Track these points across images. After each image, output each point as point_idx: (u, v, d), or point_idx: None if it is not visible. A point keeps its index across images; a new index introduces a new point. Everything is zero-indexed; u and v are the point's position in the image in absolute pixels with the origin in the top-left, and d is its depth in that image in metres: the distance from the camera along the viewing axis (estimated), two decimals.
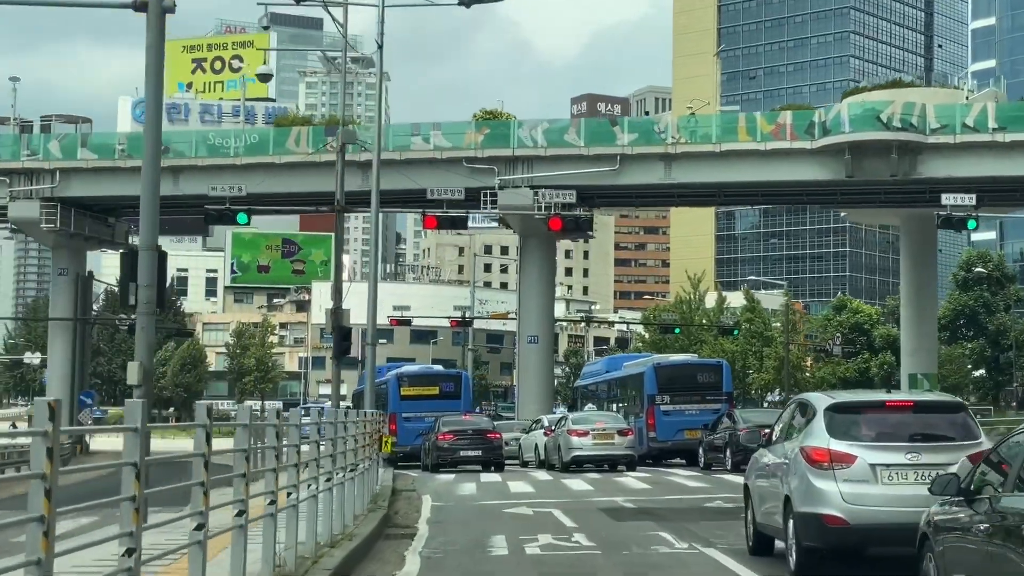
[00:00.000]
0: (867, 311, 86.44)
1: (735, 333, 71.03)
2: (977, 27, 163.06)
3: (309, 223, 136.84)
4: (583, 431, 31.24)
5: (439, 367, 48.24)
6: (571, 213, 30.39)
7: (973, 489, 7.78)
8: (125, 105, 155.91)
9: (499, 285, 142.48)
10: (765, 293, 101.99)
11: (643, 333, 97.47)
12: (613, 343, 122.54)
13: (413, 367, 43.97)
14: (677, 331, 70.58)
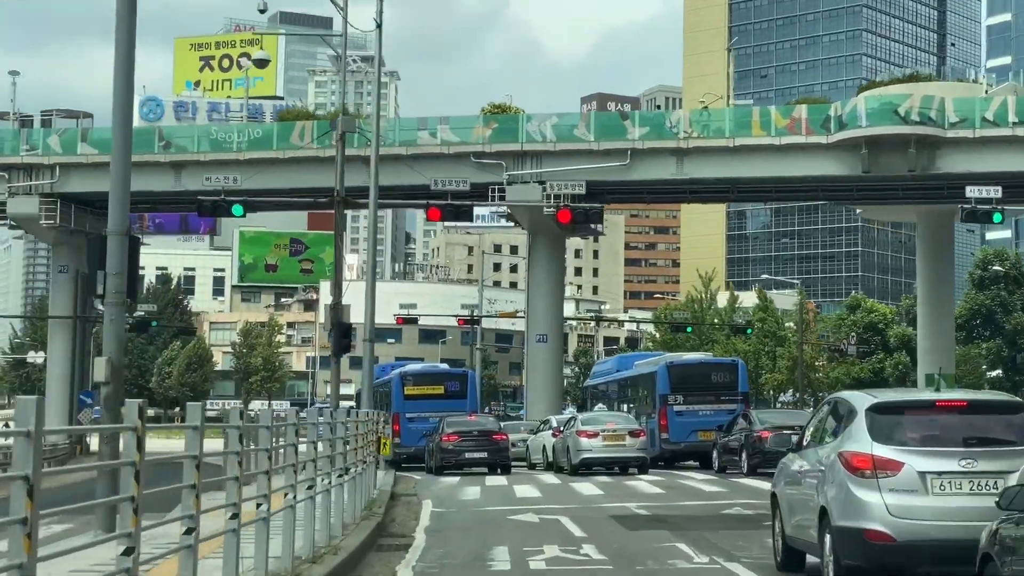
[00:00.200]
0: (882, 310, 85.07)
1: (748, 332, 69.69)
2: (993, 23, 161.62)
3: (317, 222, 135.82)
4: (593, 432, 29.96)
5: (444, 365, 47.01)
6: (580, 205, 29.21)
7: None
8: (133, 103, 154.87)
9: (508, 285, 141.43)
10: (777, 293, 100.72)
11: (653, 333, 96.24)
12: (623, 343, 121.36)
13: (417, 365, 42.74)
14: (689, 330, 69.24)
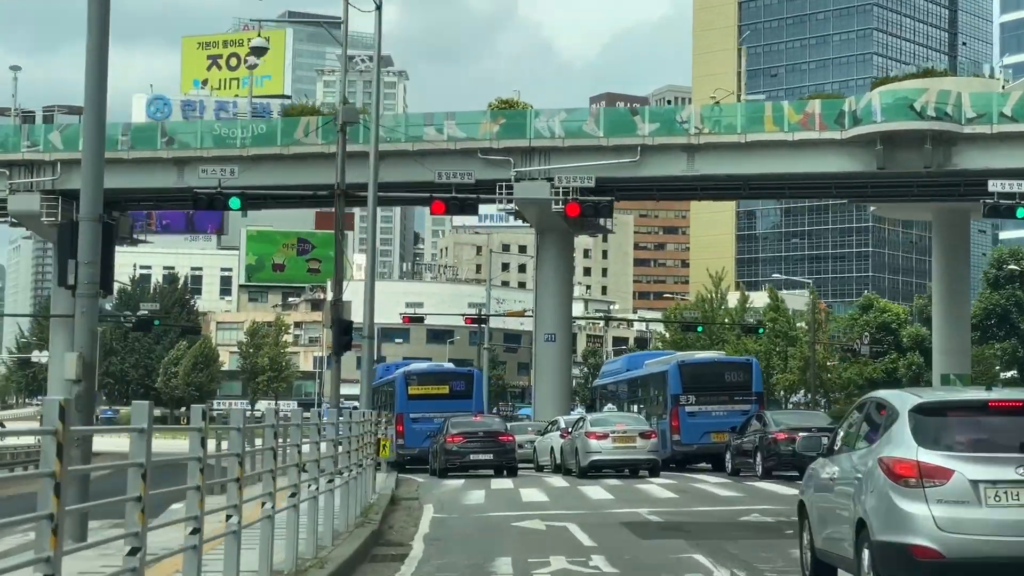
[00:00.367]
0: (894, 310, 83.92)
1: (760, 332, 68.57)
2: (1006, 20, 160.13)
3: (325, 221, 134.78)
4: (602, 433, 28.90)
5: (449, 364, 45.91)
6: (589, 198, 28.23)
7: None
8: (140, 102, 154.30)
9: (517, 284, 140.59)
10: (787, 293, 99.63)
11: (663, 333, 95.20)
12: (632, 343, 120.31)
13: (422, 364, 41.66)
14: (700, 329, 68.14)
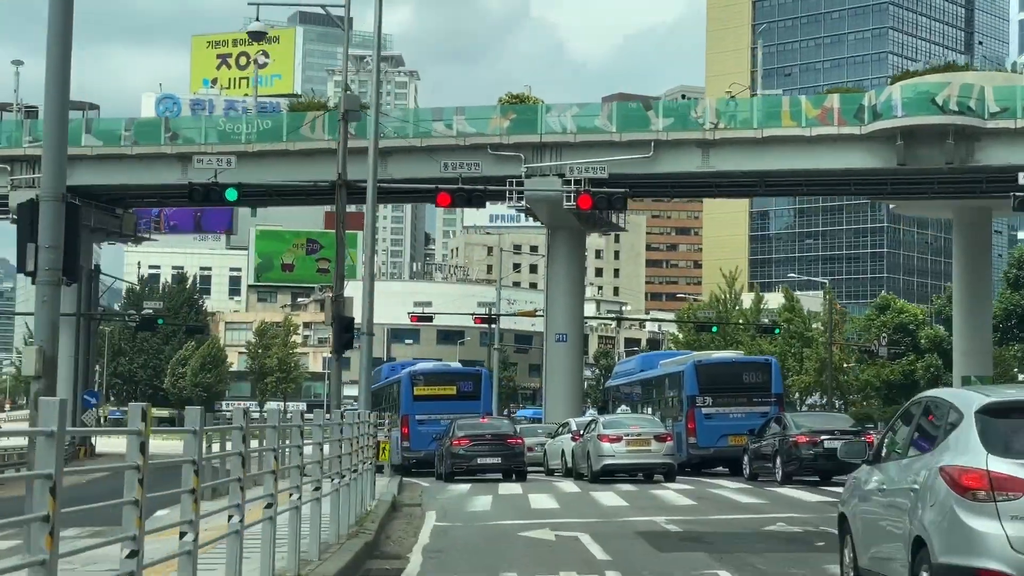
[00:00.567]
0: (912, 311, 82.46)
1: (776, 332, 67.24)
2: None
3: (334, 221, 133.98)
4: (615, 436, 27.62)
5: (456, 364, 44.66)
6: (602, 190, 27.06)
7: None
8: (149, 101, 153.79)
9: (528, 285, 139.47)
10: (801, 294, 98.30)
11: (676, 334, 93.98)
12: (644, 344, 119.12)
13: (428, 364, 40.38)
14: (715, 329, 66.82)
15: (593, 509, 19.28)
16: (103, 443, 59.68)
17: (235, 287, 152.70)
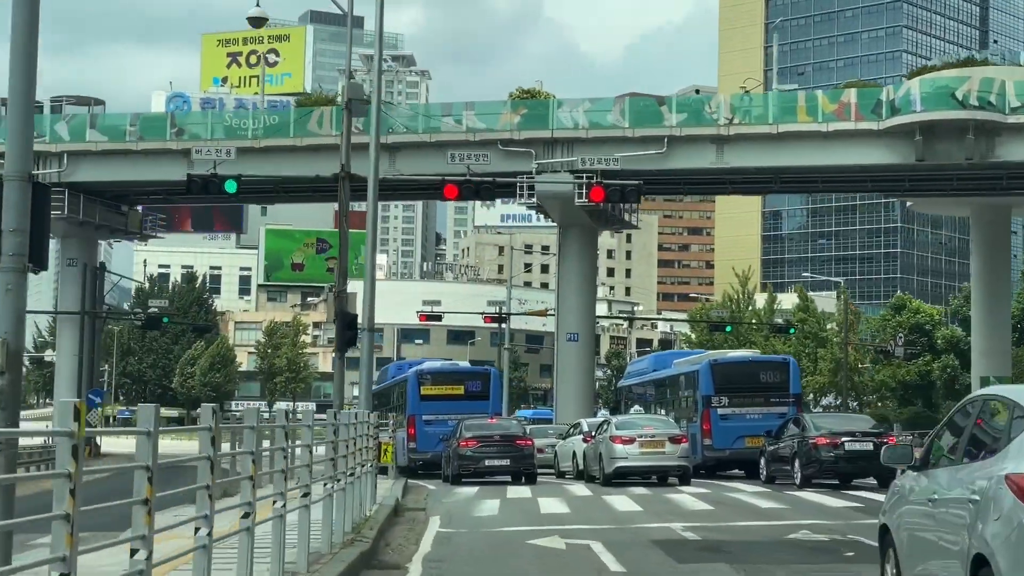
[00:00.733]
0: (928, 311, 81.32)
1: (791, 331, 66.14)
2: None
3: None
4: (628, 438, 26.63)
5: (464, 363, 43.66)
6: (615, 182, 26.12)
7: None
8: (159, 100, 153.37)
9: (540, 285, 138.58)
10: (814, 294, 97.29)
11: (688, 334, 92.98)
12: (656, 345, 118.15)
13: (435, 363, 39.39)
14: (729, 329, 65.74)
15: (605, 514, 18.35)
16: (108, 443, 58.95)
17: (245, 287, 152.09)
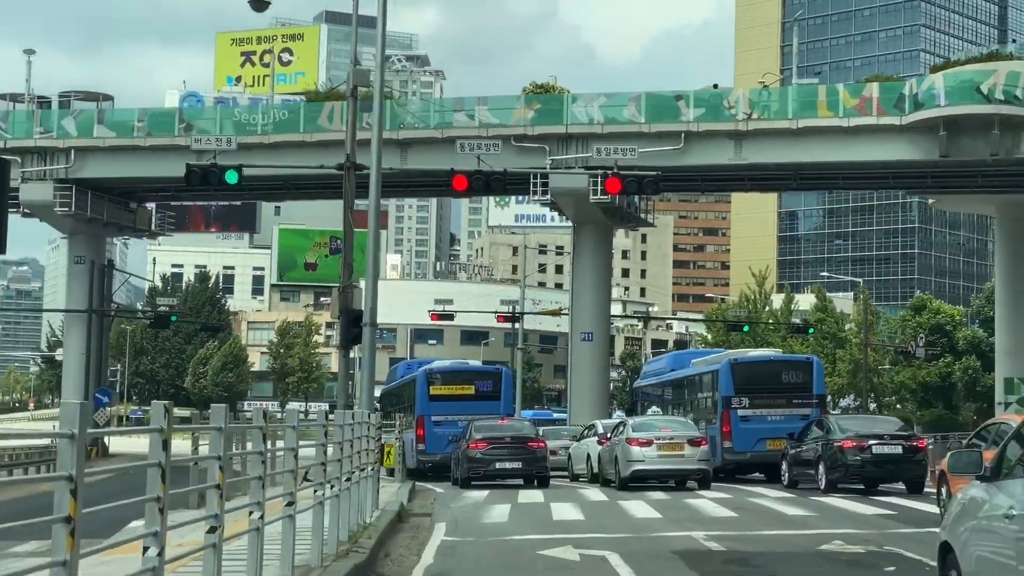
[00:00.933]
0: (949, 312, 79.98)
1: (811, 331, 64.93)
2: None
3: (359, 219, 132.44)
4: (646, 440, 25.53)
5: (475, 362, 42.60)
6: (632, 172, 25.15)
7: None
8: (173, 99, 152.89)
9: (554, 286, 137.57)
10: (831, 295, 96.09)
11: (704, 334, 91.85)
12: (672, 345, 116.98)
13: (445, 362, 38.34)
14: (747, 329, 64.55)
15: (622, 521, 17.28)
16: (116, 443, 58.13)
17: (258, 286, 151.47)
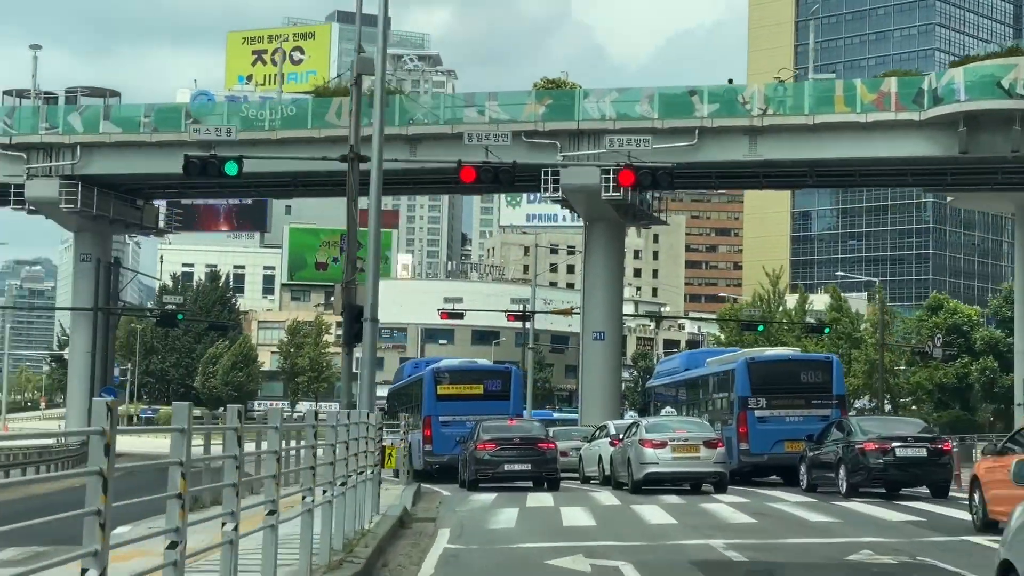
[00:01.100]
0: (966, 312, 78.87)
1: (826, 331, 63.92)
2: None
3: (364, 217, 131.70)
4: (660, 441, 24.62)
5: (484, 361, 41.73)
6: (646, 164, 24.33)
7: None
8: (184, 98, 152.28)
9: (565, 286, 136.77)
10: (845, 295, 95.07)
11: (718, 335, 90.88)
12: (684, 346, 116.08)
13: (453, 360, 37.48)
14: (761, 328, 63.57)
15: (636, 528, 16.41)
16: (125, 442, 57.45)
17: (269, 286, 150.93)
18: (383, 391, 44.36)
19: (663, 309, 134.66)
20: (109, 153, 52.30)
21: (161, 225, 60.97)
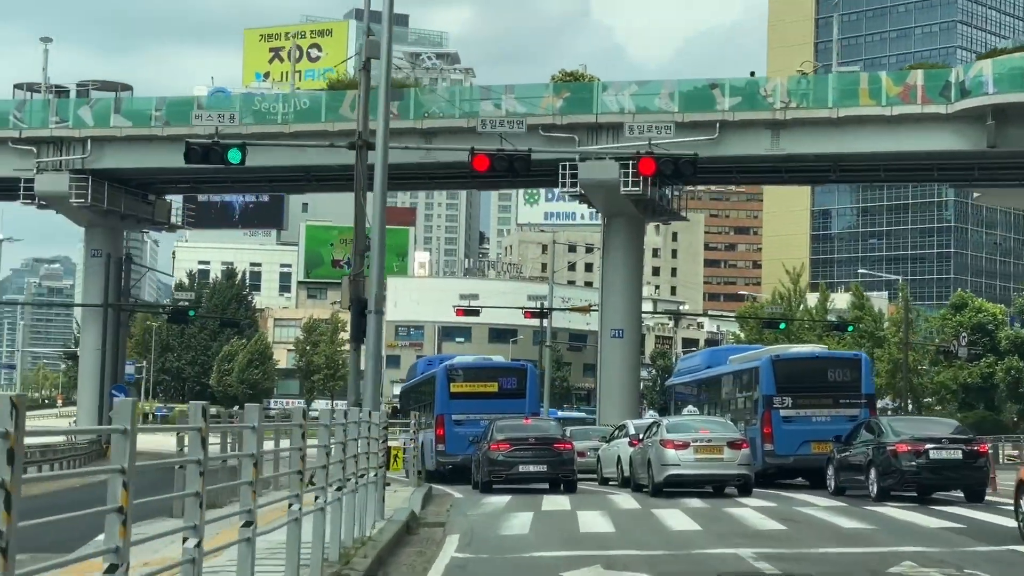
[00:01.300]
0: (991, 310, 77.42)
1: (850, 329, 62.71)
2: None
3: (388, 215, 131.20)
4: (682, 442, 23.58)
5: (499, 358, 40.74)
6: (667, 153, 23.38)
7: None
8: (200, 94, 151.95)
9: (584, 284, 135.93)
10: (866, 294, 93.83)
11: (737, 333, 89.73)
12: (703, 345, 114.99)
13: (467, 358, 36.50)
14: (783, 326, 62.41)
15: (657, 535, 15.40)
16: (151, 440, 56.58)
17: (285, 283, 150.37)
18: (398, 389, 43.48)
19: (682, 307, 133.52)
20: (120, 147, 51.54)
21: (174, 220, 60.21)
